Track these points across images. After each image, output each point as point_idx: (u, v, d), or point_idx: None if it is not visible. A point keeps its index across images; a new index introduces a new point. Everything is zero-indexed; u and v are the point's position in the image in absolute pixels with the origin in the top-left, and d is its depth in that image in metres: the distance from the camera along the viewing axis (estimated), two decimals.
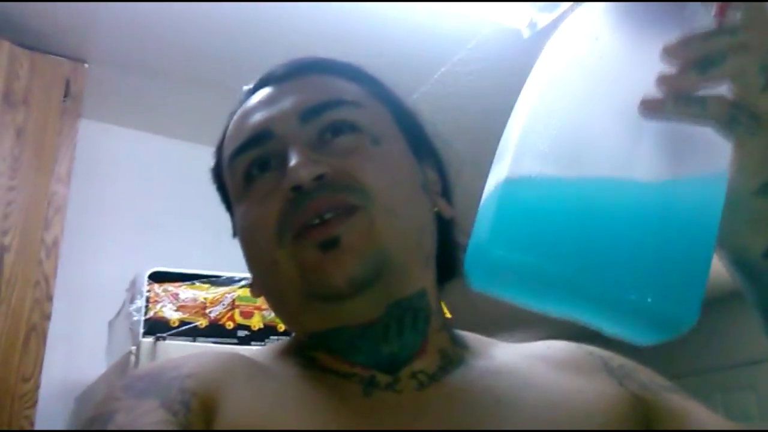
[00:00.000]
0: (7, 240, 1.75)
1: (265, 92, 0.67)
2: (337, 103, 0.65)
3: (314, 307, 0.61)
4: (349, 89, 0.67)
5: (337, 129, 0.64)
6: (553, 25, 1.76)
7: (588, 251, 0.44)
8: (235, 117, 0.69)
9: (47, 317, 1.76)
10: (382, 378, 0.61)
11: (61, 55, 1.95)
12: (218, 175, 0.71)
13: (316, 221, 0.59)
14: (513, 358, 0.67)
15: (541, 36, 1.79)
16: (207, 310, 1.54)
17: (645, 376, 0.67)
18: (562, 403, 0.61)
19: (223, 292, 1.57)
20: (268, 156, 0.64)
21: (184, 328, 1.52)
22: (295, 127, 0.63)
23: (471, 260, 0.49)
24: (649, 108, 0.46)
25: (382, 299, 0.61)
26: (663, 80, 0.46)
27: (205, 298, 1.55)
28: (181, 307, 1.53)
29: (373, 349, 0.61)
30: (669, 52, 0.46)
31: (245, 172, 0.65)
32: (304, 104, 0.64)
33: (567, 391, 0.62)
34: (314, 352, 0.64)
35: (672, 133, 0.46)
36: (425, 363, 0.62)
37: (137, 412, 0.54)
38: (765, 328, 0.55)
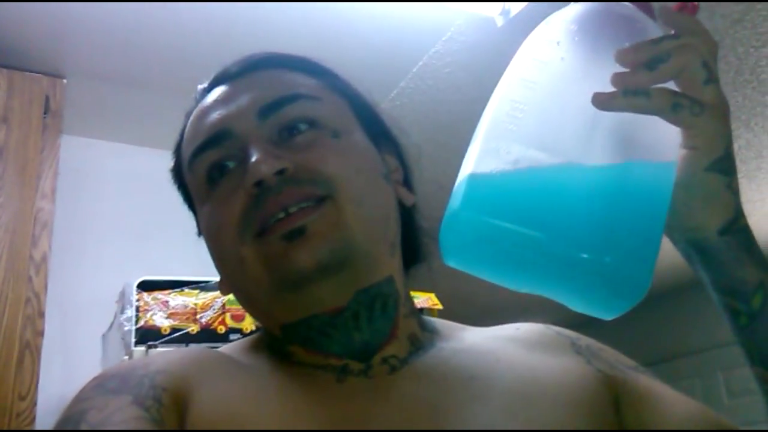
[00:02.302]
0: None
1: (220, 90, 0.67)
2: (294, 98, 0.65)
3: (283, 298, 0.61)
4: (305, 83, 0.68)
5: (296, 126, 0.64)
6: (526, 12, 1.77)
7: (550, 218, 0.49)
8: (192, 117, 0.69)
9: (40, 334, 1.75)
10: (355, 366, 0.62)
11: (38, 72, 1.96)
12: (178, 175, 0.72)
13: (281, 215, 0.60)
14: (482, 339, 0.68)
15: (514, 23, 1.80)
16: (198, 316, 1.55)
17: (611, 356, 0.68)
18: (534, 379, 0.62)
19: (212, 297, 1.57)
20: (228, 157, 0.64)
21: (175, 335, 1.52)
22: (254, 124, 0.64)
23: (444, 232, 0.52)
24: (601, 100, 0.50)
25: (350, 286, 0.61)
26: (616, 78, 0.51)
27: (195, 304, 1.56)
28: (172, 314, 1.53)
29: (344, 337, 0.62)
30: (622, 55, 0.52)
31: (207, 173, 0.65)
32: (262, 101, 0.65)
33: (537, 368, 0.64)
34: (288, 346, 0.64)
35: (623, 126, 0.52)
36: (396, 348, 0.63)
37: (109, 409, 0.54)
38: (721, 308, 0.57)
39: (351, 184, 0.62)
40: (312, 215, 0.59)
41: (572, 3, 0.57)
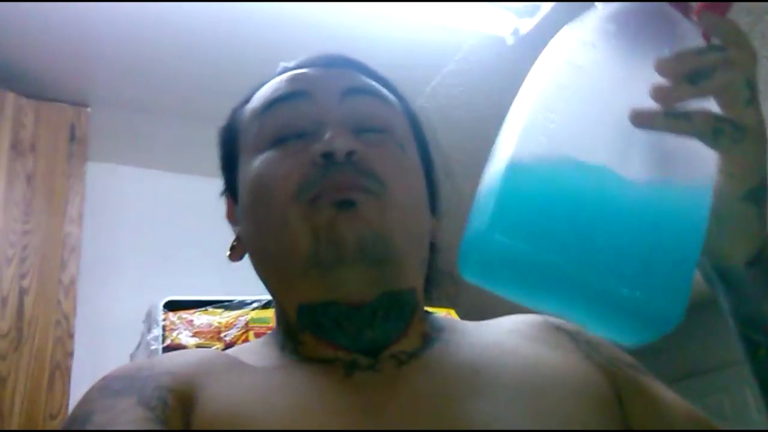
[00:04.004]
0: (25, 283, 1.79)
1: (308, 69, 0.69)
2: (377, 94, 0.68)
3: (314, 276, 0.61)
4: (385, 92, 0.70)
5: (370, 123, 0.66)
6: (536, 30, 1.80)
7: (582, 243, 0.45)
8: (274, 80, 0.70)
9: (70, 355, 1.80)
10: (363, 360, 0.62)
11: (64, 101, 2.01)
12: (227, 132, 0.72)
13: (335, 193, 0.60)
14: (486, 332, 0.68)
15: (525, 42, 1.83)
16: (222, 334, 1.57)
17: (611, 351, 0.68)
18: (538, 369, 0.62)
19: (236, 315, 1.60)
20: (302, 120, 0.65)
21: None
22: (335, 99, 0.66)
23: (467, 249, 0.49)
24: (640, 119, 0.47)
25: (378, 285, 0.62)
26: (656, 91, 0.48)
27: (219, 323, 1.59)
28: (197, 332, 1.56)
29: (357, 332, 0.62)
30: (662, 65, 0.48)
31: (276, 127, 0.65)
32: (347, 82, 0.67)
33: (541, 359, 0.63)
34: (299, 333, 0.64)
35: (661, 141, 0.48)
36: (405, 345, 0.63)
37: (114, 411, 0.53)
38: (738, 336, 0.56)
39: (402, 195, 0.63)
40: (363, 195, 0.60)
41: (597, 2, 0.54)
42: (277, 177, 0.63)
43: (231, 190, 0.72)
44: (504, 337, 0.67)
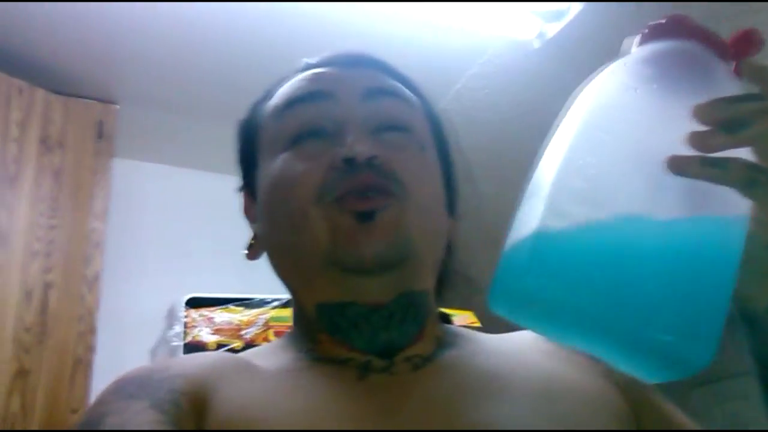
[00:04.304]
0: (50, 277, 1.81)
1: (329, 68, 0.69)
2: (398, 95, 0.68)
3: (332, 276, 0.62)
4: (406, 92, 0.70)
5: (392, 123, 0.66)
6: (562, 34, 1.79)
7: (614, 288, 0.46)
8: (292, 78, 0.70)
9: (92, 350, 1.82)
10: (378, 363, 0.62)
11: (92, 98, 2.03)
12: (247, 127, 0.73)
13: (357, 194, 0.61)
14: (502, 343, 0.69)
15: (550, 46, 1.81)
16: (242, 332, 1.59)
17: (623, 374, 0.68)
18: (555, 380, 0.63)
19: (256, 313, 1.61)
20: (323, 122, 0.65)
21: (221, 350, 1.57)
22: (356, 100, 0.66)
23: (500, 288, 0.49)
24: (676, 165, 0.47)
25: (396, 287, 0.62)
26: (693, 137, 0.47)
27: (239, 321, 1.60)
28: (217, 330, 1.58)
29: (372, 334, 0.63)
30: (700, 112, 0.48)
31: (297, 126, 0.66)
32: (369, 83, 0.67)
33: (558, 372, 0.64)
34: (316, 332, 0.65)
35: (695, 182, 0.48)
36: (420, 348, 0.64)
37: (128, 413, 0.54)
38: (758, 376, 0.57)
39: (422, 197, 0.64)
40: (384, 204, 0.61)
41: (644, 41, 0.53)
42: (297, 178, 0.63)
43: (249, 187, 0.72)
44: (520, 348, 0.67)
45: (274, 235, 0.67)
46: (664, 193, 0.48)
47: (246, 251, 0.71)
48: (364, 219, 0.60)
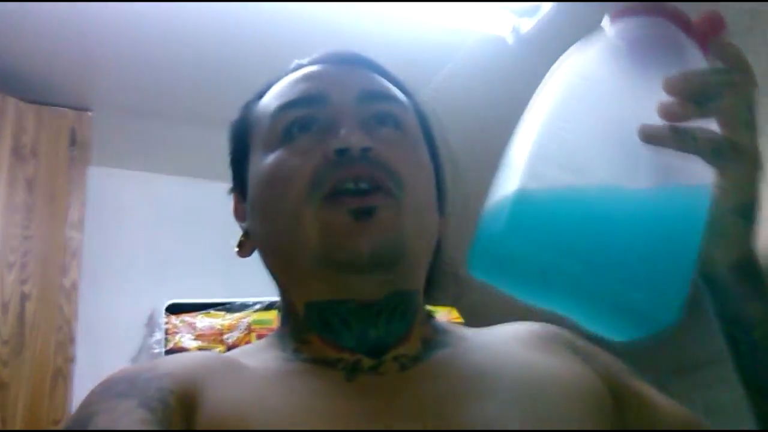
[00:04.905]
0: (27, 288, 1.78)
1: (322, 67, 0.70)
2: (392, 99, 0.69)
3: (325, 274, 0.62)
4: (399, 93, 0.71)
5: (386, 120, 0.66)
6: (537, 29, 1.79)
7: (587, 248, 0.49)
8: (287, 78, 0.70)
9: (71, 360, 1.79)
10: (367, 362, 0.62)
11: (65, 106, 2.00)
12: (239, 127, 0.72)
13: (351, 186, 0.61)
14: (487, 338, 0.70)
15: (525, 41, 1.81)
16: (224, 337, 1.58)
17: (605, 358, 0.70)
18: (539, 374, 0.63)
19: (238, 317, 1.60)
20: (316, 119, 0.65)
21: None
22: (352, 102, 0.66)
23: (479, 249, 0.51)
24: (648, 134, 0.50)
25: (388, 285, 0.63)
26: (664, 108, 0.51)
27: (221, 325, 1.59)
28: (199, 335, 1.56)
29: (361, 331, 0.63)
30: (670, 84, 0.51)
31: (288, 125, 0.65)
32: (364, 86, 0.68)
33: (541, 364, 0.65)
34: (305, 332, 0.65)
35: (663, 151, 0.51)
36: (408, 348, 0.64)
37: (116, 413, 0.53)
38: (722, 335, 0.59)
39: (416, 193, 0.64)
40: (382, 200, 0.61)
41: (611, 17, 0.56)
42: (289, 172, 0.63)
43: (240, 187, 0.72)
44: (504, 343, 0.68)
45: (265, 232, 0.66)
46: (636, 162, 0.51)
47: (236, 249, 0.70)
48: (361, 216, 0.60)
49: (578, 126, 0.52)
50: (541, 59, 2.10)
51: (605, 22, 0.57)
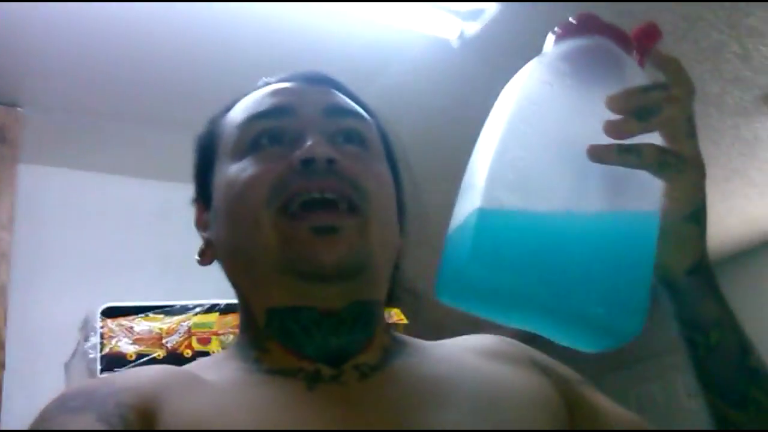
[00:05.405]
0: None
1: (290, 84, 0.71)
2: (357, 115, 0.70)
3: (286, 281, 0.62)
4: (362, 111, 0.72)
5: (351, 135, 0.68)
6: (482, 33, 1.80)
7: (549, 271, 0.51)
8: (254, 93, 0.72)
9: (1, 366, 1.73)
10: (326, 371, 0.63)
11: None
12: (205, 139, 0.74)
13: (317, 196, 0.62)
14: (446, 349, 0.71)
15: (470, 45, 1.82)
16: (164, 341, 1.53)
17: (562, 369, 0.72)
18: (498, 384, 0.65)
19: (177, 320, 1.56)
20: (283, 130, 0.66)
21: (141, 360, 1.51)
22: (318, 116, 0.67)
23: (445, 278, 0.54)
24: (596, 154, 0.52)
25: (350, 295, 0.63)
26: (609, 126, 0.52)
27: (160, 329, 1.55)
28: (137, 339, 1.52)
29: (323, 340, 0.63)
30: (612, 102, 0.53)
31: (256, 135, 0.67)
32: (330, 101, 0.70)
33: (500, 375, 0.67)
34: (265, 340, 0.65)
35: (613, 172, 0.53)
36: (368, 357, 0.65)
37: (73, 428, 0.53)
38: (682, 338, 0.62)
39: (381, 208, 0.65)
40: (346, 219, 0.62)
41: (558, 37, 0.58)
42: (253, 178, 0.64)
43: (203, 197, 0.73)
44: (462, 354, 0.70)
45: (228, 238, 0.67)
46: (586, 186, 0.53)
47: (198, 258, 0.71)
48: (324, 233, 0.61)
49: (530, 151, 0.54)
50: (488, 63, 2.14)
51: (548, 44, 0.59)
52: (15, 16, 1.69)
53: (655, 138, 0.54)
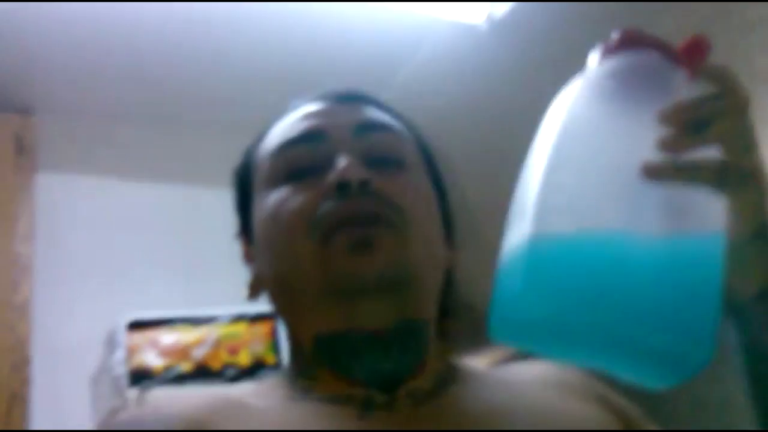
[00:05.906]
0: None
1: (320, 104, 0.72)
2: (389, 128, 0.70)
3: (330, 303, 0.62)
4: (397, 124, 0.72)
5: (385, 157, 0.68)
6: (510, 17, 1.75)
7: (608, 300, 0.48)
8: (287, 118, 0.72)
9: (27, 383, 1.72)
10: (379, 398, 0.62)
11: (7, 111, 1.92)
12: (242, 171, 0.74)
13: (352, 215, 0.62)
14: (505, 377, 0.70)
15: (499, 29, 1.76)
16: (191, 352, 1.49)
17: (625, 405, 0.70)
18: (554, 413, 0.63)
19: (205, 331, 1.51)
20: (315, 155, 0.67)
21: (169, 374, 1.46)
22: (349, 135, 0.68)
23: (499, 314, 0.51)
24: (651, 172, 0.50)
25: (395, 313, 0.63)
26: (663, 141, 0.50)
27: (188, 340, 1.50)
28: (164, 352, 1.48)
29: (373, 363, 0.63)
30: (665, 116, 0.51)
31: (292, 165, 0.67)
32: (361, 118, 0.70)
33: (560, 407, 0.65)
34: (315, 368, 0.65)
35: (672, 191, 0.51)
36: (421, 382, 0.64)
37: None
38: (745, 368, 0.59)
39: (420, 223, 0.65)
40: (382, 232, 0.62)
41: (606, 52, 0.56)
42: (290, 209, 0.65)
43: (246, 230, 0.73)
44: (522, 383, 0.68)
45: (270, 271, 0.68)
46: (644, 207, 0.50)
47: (247, 292, 0.72)
48: (359, 249, 0.61)
49: (581, 173, 0.52)
50: (517, 47, 2.07)
51: (591, 60, 0.57)
52: (27, 22, 1.68)
53: (712, 153, 0.52)
